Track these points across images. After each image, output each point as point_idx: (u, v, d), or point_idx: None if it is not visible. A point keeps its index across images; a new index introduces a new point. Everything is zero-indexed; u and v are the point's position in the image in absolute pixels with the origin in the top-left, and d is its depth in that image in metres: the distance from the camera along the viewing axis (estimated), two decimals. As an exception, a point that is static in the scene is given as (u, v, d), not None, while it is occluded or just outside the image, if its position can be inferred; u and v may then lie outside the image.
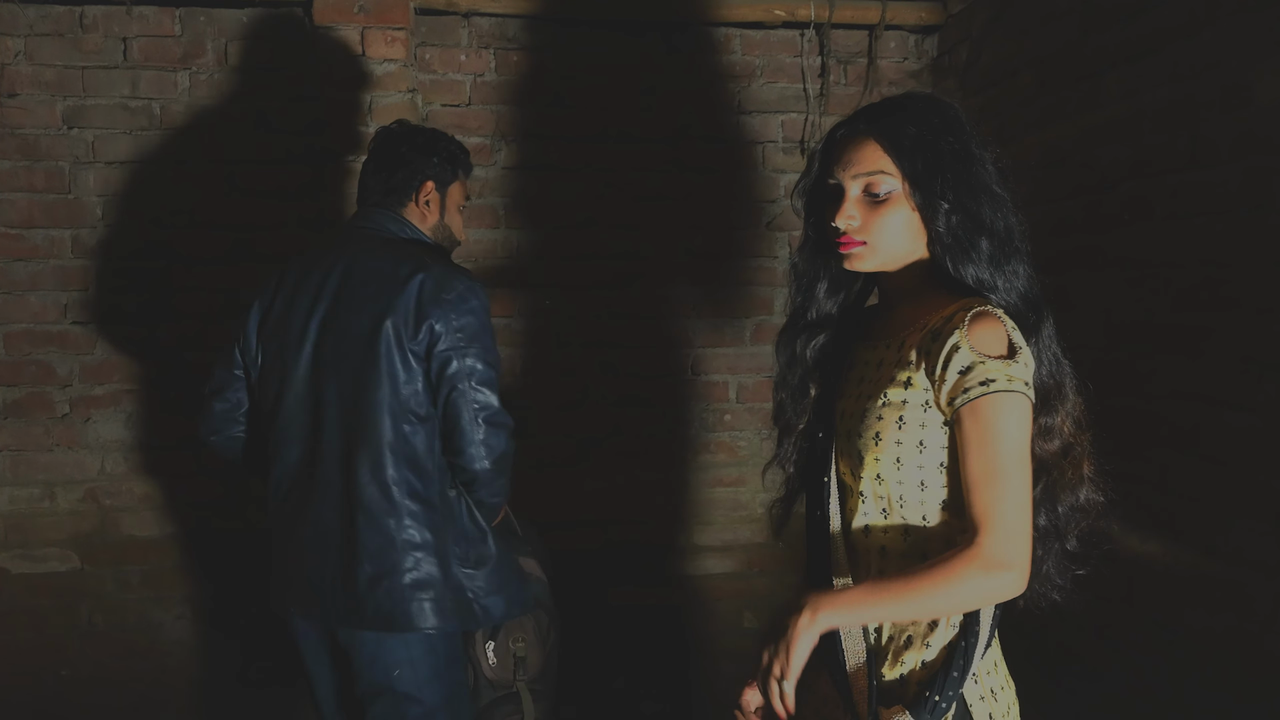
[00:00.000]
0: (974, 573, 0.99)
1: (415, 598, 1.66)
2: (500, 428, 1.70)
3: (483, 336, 1.68)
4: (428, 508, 1.68)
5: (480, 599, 1.72)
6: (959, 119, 1.13)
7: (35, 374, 2.54)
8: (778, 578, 2.84)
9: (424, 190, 1.81)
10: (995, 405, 1.02)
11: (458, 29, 2.61)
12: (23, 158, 2.48)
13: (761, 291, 2.78)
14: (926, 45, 2.75)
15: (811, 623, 1.03)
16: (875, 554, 1.15)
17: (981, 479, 1.02)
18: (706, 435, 2.79)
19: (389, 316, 1.64)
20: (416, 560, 1.66)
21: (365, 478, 1.64)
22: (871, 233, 1.12)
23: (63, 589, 2.59)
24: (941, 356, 1.05)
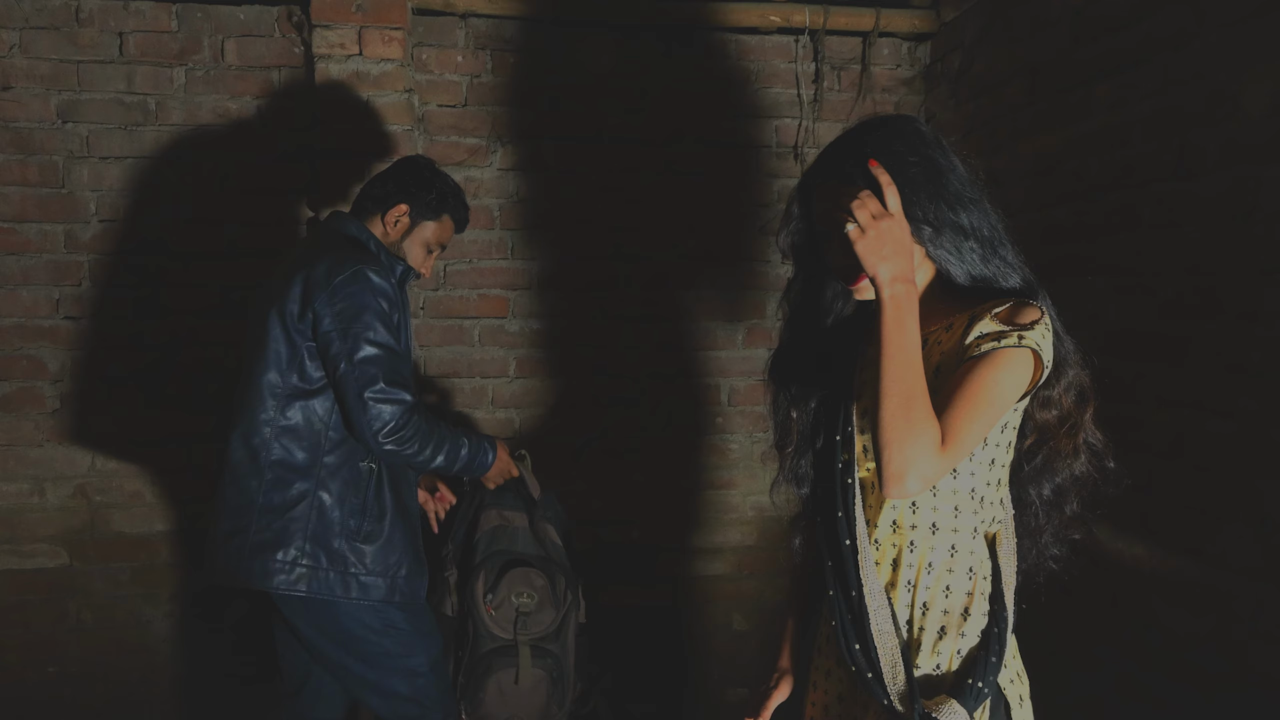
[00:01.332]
0: (929, 436, 1.02)
1: (260, 556, 1.75)
2: (386, 403, 1.72)
3: (364, 315, 1.72)
4: (310, 477, 1.77)
5: (360, 575, 1.79)
6: (919, 134, 1.16)
7: (26, 369, 2.53)
8: (767, 580, 2.85)
9: (396, 210, 1.91)
10: (999, 356, 1.07)
11: (455, 29, 2.62)
12: (16, 151, 2.47)
13: (754, 295, 2.79)
14: (919, 53, 2.78)
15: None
16: (904, 549, 1.18)
17: (963, 394, 1.06)
18: (698, 438, 2.81)
19: (281, 298, 1.76)
20: (269, 523, 1.75)
21: (238, 442, 1.78)
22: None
23: (51, 585, 2.58)
24: (972, 331, 1.11)
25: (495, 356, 2.72)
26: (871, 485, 1.21)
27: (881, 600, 1.17)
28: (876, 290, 1.06)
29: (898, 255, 1.06)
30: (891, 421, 1.03)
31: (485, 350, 2.72)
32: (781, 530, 2.79)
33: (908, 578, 1.18)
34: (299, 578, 1.75)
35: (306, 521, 1.75)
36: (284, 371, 1.76)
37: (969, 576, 1.17)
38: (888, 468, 1.04)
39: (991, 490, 1.19)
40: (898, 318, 1.05)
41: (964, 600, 1.16)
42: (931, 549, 1.17)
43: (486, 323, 2.71)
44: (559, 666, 2.03)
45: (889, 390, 1.04)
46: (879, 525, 1.19)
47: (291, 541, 1.75)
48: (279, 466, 1.76)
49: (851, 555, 1.18)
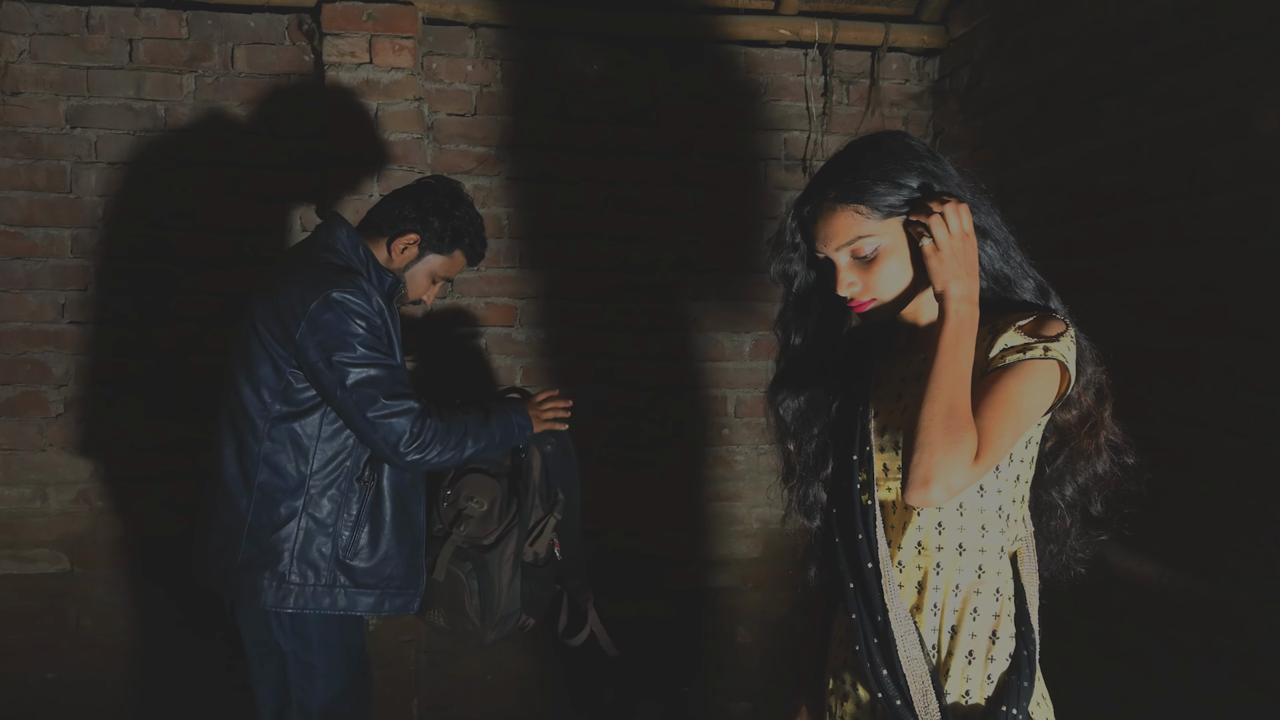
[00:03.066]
0: (966, 446, 1.00)
1: (249, 575, 1.75)
2: (393, 417, 1.71)
3: (345, 341, 1.69)
4: (300, 495, 1.75)
5: (349, 589, 1.79)
6: (910, 149, 1.15)
7: (30, 373, 2.52)
8: (772, 593, 2.84)
9: (405, 239, 1.85)
10: (1026, 367, 1.06)
11: (465, 39, 2.62)
12: (24, 156, 2.47)
13: (761, 307, 2.79)
14: (928, 68, 2.79)
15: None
16: (930, 571, 1.15)
17: (993, 405, 1.05)
18: (704, 449, 2.80)
19: (259, 323, 1.75)
20: (259, 541, 1.75)
21: (230, 459, 1.78)
22: (875, 290, 1.16)
23: (52, 591, 2.56)
24: (996, 344, 1.09)
25: (502, 365, 2.71)
26: (893, 505, 1.19)
27: (909, 625, 1.14)
28: (942, 305, 1.06)
29: (969, 276, 1.06)
30: (930, 424, 1.01)
31: (493, 359, 2.71)
32: (788, 543, 2.80)
33: (934, 600, 1.15)
34: (286, 595, 1.75)
35: (294, 541, 1.75)
36: (270, 396, 1.74)
37: (996, 598, 1.15)
38: (915, 471, 1.01)
39: (1016, 508, 1.17)
40: (958, 334, 1.04)
41: (992, 623, 1.14)
42: (959, 570, 1.15)
43: (494, 331, 2.70)
44: (485, 577, 1.95)
45: (934, 395, 1.02)
46: (903, 547, 1.17)
47: (280, 560, 1.75)
48: (267, 487, 1.75)
49: (875, 579, 1.14)
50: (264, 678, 1.87)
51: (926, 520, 1.15)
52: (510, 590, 1.95)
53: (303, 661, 1.80)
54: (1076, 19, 2.09)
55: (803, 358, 1.29)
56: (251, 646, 1.86)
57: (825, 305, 1.25)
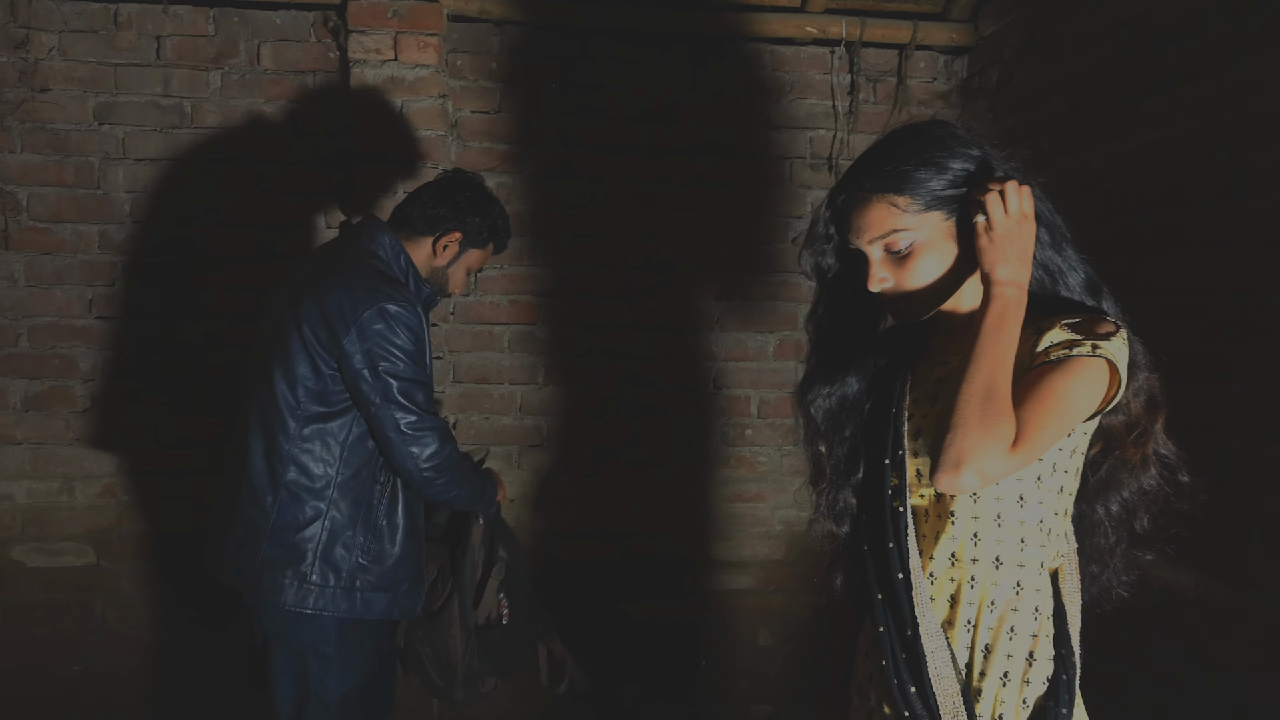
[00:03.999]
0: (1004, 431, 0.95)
1: (270, 572, 1.76)
2: (426, 432, 1.76)
3: (392, 354, 1.73)
4: (324, 497, 1.77)
5: (366, 591, 1.80)
6: (955, 136, 1.10)
7: (58, 368, 2.54)
8: (795, 596, 2.82)
9: (449, 236, 1.91)
10: (1073, 363, 1.00)
11: (489, 36, 2.62)
12: (53, 152, 2.49)
13: (785, 307, 2.77)
14: (956, 66, 2.75)
15: None
16: (964, 584, 1.09)
17: (1035, 397, 0.99)
18: (726, 450, 2.79)
19: (304, 322, 1.75)
20: (282, 540, 1.76)
21: (258, 456, 1.79)
22: (908, 287, 1.10)
23: (78, 584, 2.59)
24: (1042, 340, 1.04)
25: (525, 363, 2.71)
26: (925, 513, 1.13)
27: (940, 641, 1.07)
28: (987, 288, 1.01)
29: (1020, 261, 1.01)
30: (967, 404, 0.96)
31: (515, 356, 2.71)
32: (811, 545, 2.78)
33: (967, 616, 1.09)
34: (306, 595, 1.77)
35: (317, 541, 1.77)
36: (305, 395, 1.76)
37: (1034, 617, 1.08)
38: (946, 452, 0.96)
39: (1058, 521, 1.11)
40: (1001, 316, 0.99)
41: (1029, 643, 1.07)
42: (995, 585, 1.08)
43: (516, 329, 2.70)
44: (438, 643, 1.97)
45: (973, 376, 0.97)
46: (935, 557, 1.11)
47: (303, 560, 1.77)
48: (294, 486, 1.77)
49: (905, 590, 1.09)
50: (283, 670, 1.87)
51: (961, 530, 1.09)
52: (467, 653, 1.98)
53: (321, 654, 1.82)
54: (1111, 16, 2.05)
55: (835, 356, 1.23)
56: (270, 639, 1.87)
57: (859, 301, 1.19)
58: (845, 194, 1.12)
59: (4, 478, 2.53)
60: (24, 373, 2.52)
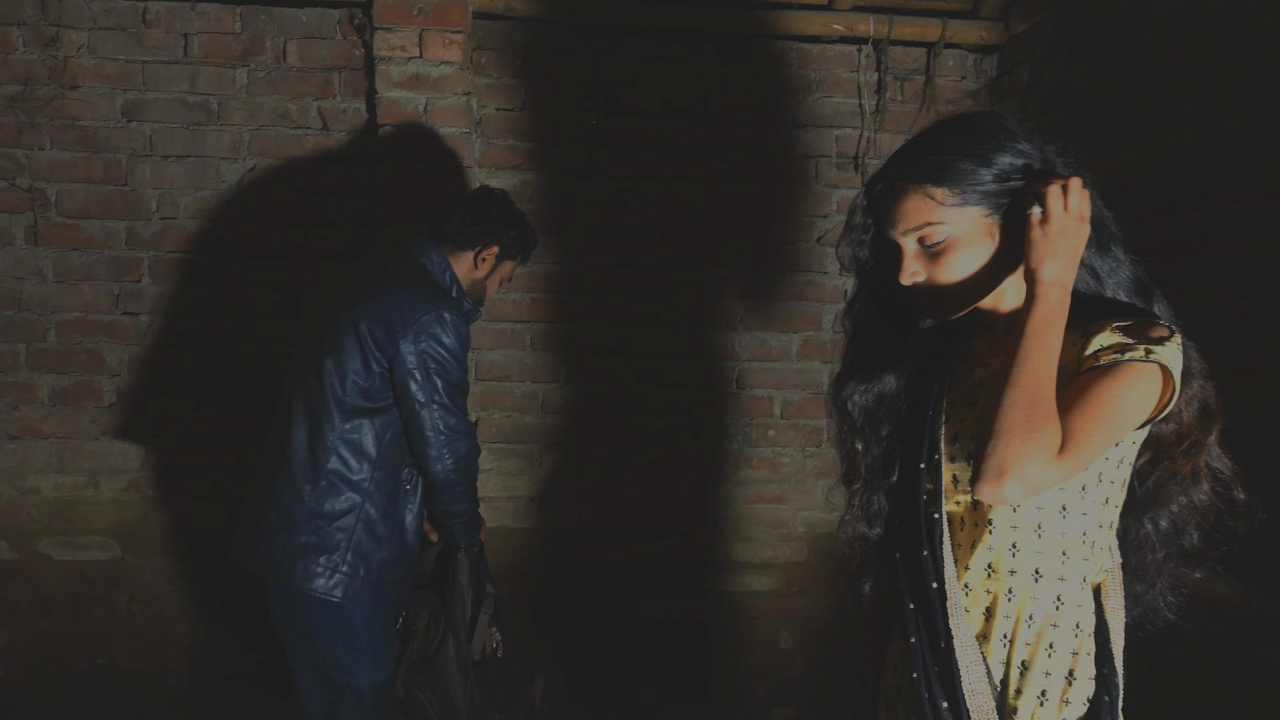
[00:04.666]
0: (1049, 438, 0.91)
1: (304, 559, 1.81)
2: (462, 436, 1.90)
3: (443, 358, 1.86)
4: (361, 490, 1.85)
5: (385, 586, 1.89)
6: (1006, 130, 1.05)
7: (85, 363, 2.56)
8: (817, 598, 2.80)
9: (488, 250, 2.06)
10: (1125, 368, 0.95)
11: (515, 33, 2.61)
12: (82, 149, 2.51)
13: (810, 307, 2.75)
14: (985, 65, 2.72)
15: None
16: (1000, 597, 1.05)
17: (1084, 403, 0.94)
18: (749, 450, 2.77)
19: (363, 321, 1.84)
20: (318, 527, 1.82)
21: (301, 444, 1.86)
22: (941, 282, 1.06)
23: (103, 578, 2.61)
24: (1091, 344, 0.99)
25: (547, 361, 2.70)
26: (961, 521, 1.08)
27: (975, 655, 1.03)
28: (1033, 286, 0.97)
29: (1069, 261, 0.97)
30: (1010, 409, 0.91)
31: (537, 354, 2.70)
32: (834, 548, 2.76)
33: (1003, 630, 1.04)
34: (337, 584, 1.82)
35: (352, 533, 1.84)
36: (353, 389, 1.84)
37: (1075, 634, 1.04)
38: (988, 460, 0.91)
39: (1103, 534, 1.06)
40: (1047, 318, 0.95)
41: (1069, 661, 1.03)
42: (1033, 599, 1.04)
43: (539, 327, 2.69)
44: (438, 686, 1.99)
45: (1017, 380, 0.92)
46: (970, 568, 1.06)
47: (336, 549, 1.83)
48: (334, 476, 1.84)
49: (939, 600, 1.04)
50: (304, 661, 1.89)
51: (999, 540, 1.05)
52: (468, 693, 2.01)
53: (351, 647, 1.86)
54: (1148, 14, 2.02)
55: (872, 351, 1.19)
56: (291, 632, 1.88)
57: (896, 295, 1.15)
58: (883, 182, 1.09)
59: (31, 471, 2.56)
60: (52, 368, 2.54)
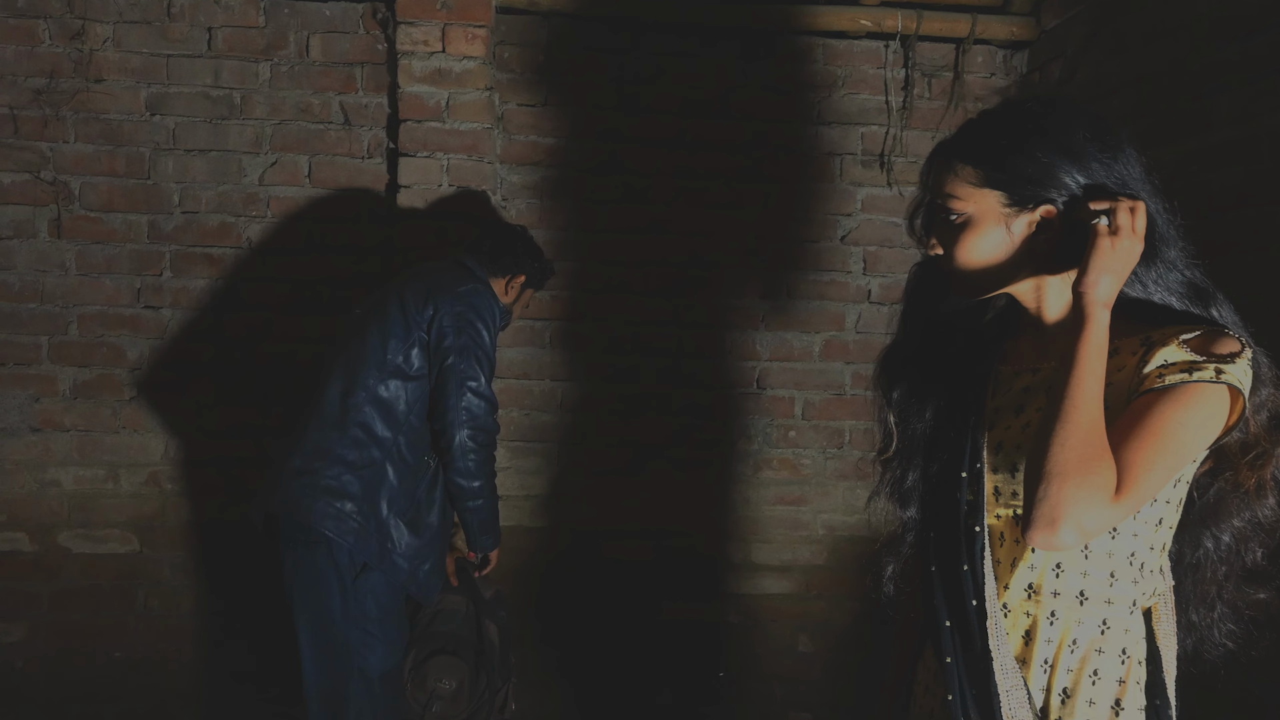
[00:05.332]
0: (1104, 479, 0.85)
1: (324, 498, 1.87)
2: (484, 400, 1.97)
3: (478, 323, 1.98)
4: (383, 450, 1.93)
5: (395, 553, 1.92)
6: (1069, 123, 0.98)
7: (106, 356, 2.56)
8: (836, 602, 2.76)
9: (516, 279, 2.22)
10: (1190, 391, 0.88)
11: (537, 29, 2.59)
12: (106, 142, 2.51)
13: (833, 307, 2.71)
14: (1015, 61, 2.67)
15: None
16: (1041, 620, 0.99)
17: (1143, 433, 0.88)
18: (769, 451, 2.73)
19: (406, 290, 2.00)
20: (339, 474, 1.89)
21: (334, 395, 1.95)
22: (954, 258, 1.03)
23: (121, 571, 2.61)
24: (1152, 358, 0.92)
25: (567, 359, 2.68)
26: (1001, 535, 1.02)
27: (1016, 679, 0.97)
28: (1081, 304, 0.91)
29: (1119, 281, 0.92)
30: (1060, 449, 0.86)
31: (557, 352, 2.68)
32: (854, 551, 2.72)
33: (1044, 655, 0.98)
34: (348, 530, 1.87)
35: (370, 486, 1.91)
36: (394, 349, 1.94)
37: (1122, 660, 0.97)
38: (1040, 506, 0.86)
39: (1154, 556, 0.99)
40: (1099, 345, 0.90)
41: (1115, 690, 0.96)
42: (1078, 623, 0.97)
43: (559, 324, 2.67)
44: None
45: (1067, 415, 0.87)
46: (1010, 587, 1.00)
47: (354, 497, 1.89)
48: (363, 429, 1.92)
49: (978, 620, 0.98)
50: (314, 639, 1.89)
51: (1042, 559, 0.99)
52: None
53: (363, 629, 1.89)
54: (1187, 8, 1.97)
55: (922, 329, 1.14)
56: (304, 604, 1.89)
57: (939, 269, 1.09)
58: (935, 147, 1.07)
59: (52, 464, 2.56)
60: (73, 360, 2.55)
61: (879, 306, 2.73)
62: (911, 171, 2.68)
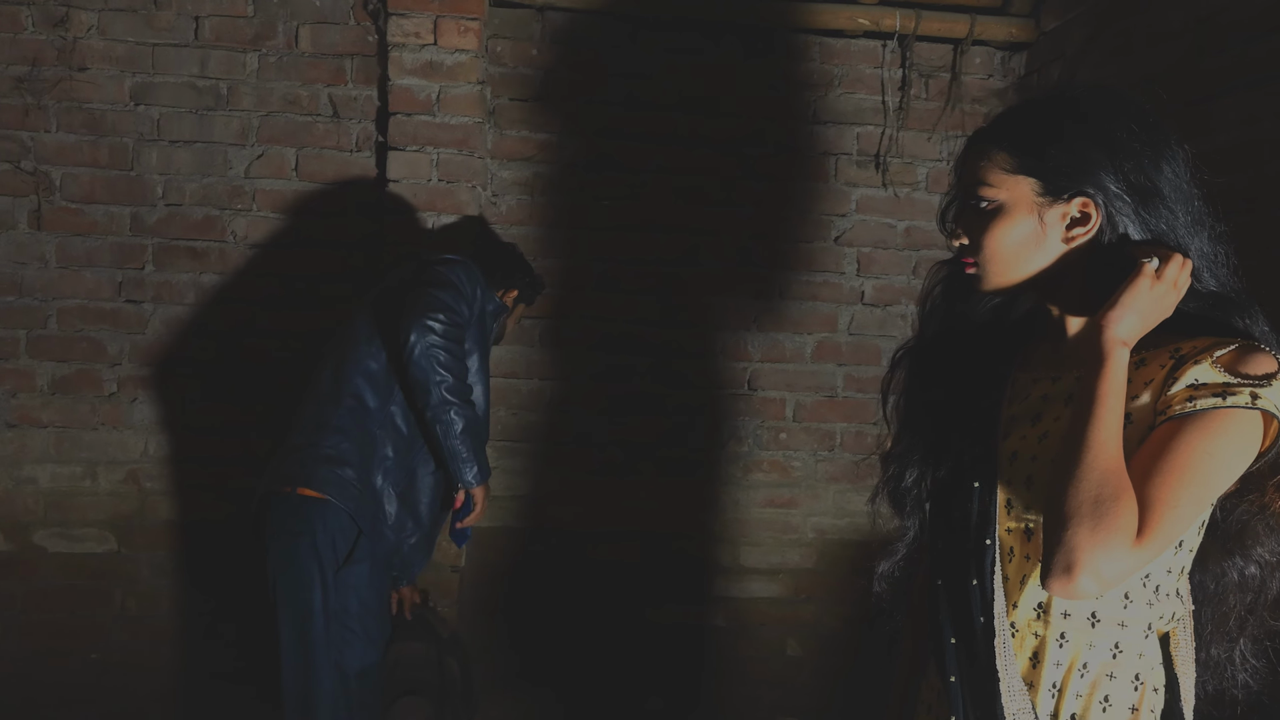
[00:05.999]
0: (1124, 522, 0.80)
1: (326, 466, 1.90)
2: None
3: (448, 287, 1.94)
4: (376, 420, 1.95)
5: (385, 524, 1.95)
6: (1113, 116, 0.92)
7: (86, 351, 2.51)
8: (825, 606, 2.73)
9: (509, 294, 2.22)
10: (1222, 418, 0.83)
11: (531, 23, 2.55)
12: (88, 132, 2.46)
13: (825, 308, 2.68)
14: (1014, 63, 2.65)
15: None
16: (1050, 641, 0.94)
17: (1169, 466, 0.83)
18: (759, 453, 2.70)
19: (394, 274, 2.08)
20: (338, 442, 1.92)
21: (328, 374, 2.00)
22: (979, 252, 0.98)
23: (98, 570, 2.55)
24: (1181, 376, 0.87)
25: (555, 358, 2.64)
26: (1010, 550, 0.97)
27: (1023, 701, 0.93)
28: (1099, 339, 0.86)
29: (1145, 323, 0.87)
30: (1076, 492, 0.81)
31: (546, 351, 2.64)
32: (844, 555, 2.69)
33: (1053, 679, 0.94)
34: (350, 496, 1.89)
35: (365, 455, 1.94)
36: (383, 323, 1.97)
37: (1135, 686, 0.93)
38: (1056, 554, 0.81)
39: (1172, 579, 0.94)
40: (1120, 384, 0.85)
41: (1127, 717, 0.93)
42: (1089, 646, 0.93)
43: (548, 322, 2.63)
44: None
45: (1081, 456, 0.82)
46: (1019, 606, 0.95)
47: (353, 464, 1.92)
48: (354, 399, 1.95)
49: (986, 638, 0.94)
50: (294, 632, 1.87)
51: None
52: None
53: (344, 625, 1.88)
54: (1190, 10, 1.95)
55: (939, 329, 1.09)
56: (288, 596, 1.88)
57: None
58: (969, 139, 1.02)
59: (28, 461, 2.50)
60: (52, 355, 2.49)
61: (872, 308, 2.70)
62: (907, 173, 2.66)
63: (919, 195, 2.67)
